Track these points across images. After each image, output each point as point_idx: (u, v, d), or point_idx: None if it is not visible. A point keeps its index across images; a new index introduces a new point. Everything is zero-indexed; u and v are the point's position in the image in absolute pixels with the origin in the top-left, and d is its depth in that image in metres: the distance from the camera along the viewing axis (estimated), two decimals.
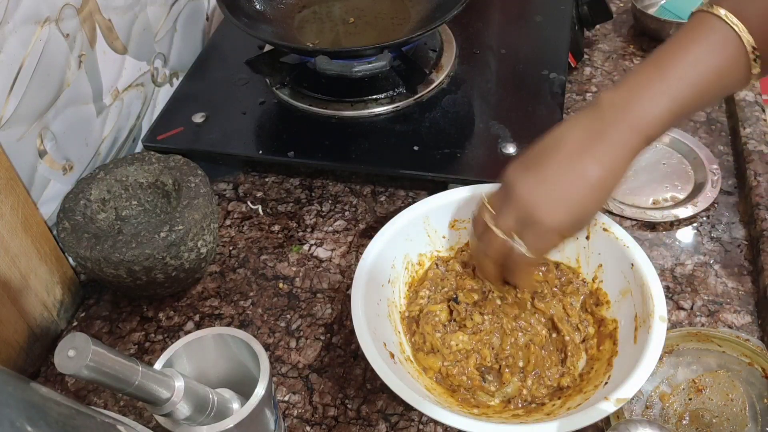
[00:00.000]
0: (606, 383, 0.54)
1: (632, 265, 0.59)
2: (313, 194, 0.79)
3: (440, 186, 0.72)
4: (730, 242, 0.71)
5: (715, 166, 0.76)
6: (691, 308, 0.65)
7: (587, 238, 0.63)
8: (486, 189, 0.65)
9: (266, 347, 0.65)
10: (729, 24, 0.48)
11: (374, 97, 0.80)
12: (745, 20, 0.48)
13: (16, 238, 0.61)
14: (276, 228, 0.76)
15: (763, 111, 0.81)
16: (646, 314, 0.56)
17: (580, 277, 0.64)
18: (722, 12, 0.49)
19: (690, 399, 0.58)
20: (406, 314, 0.63)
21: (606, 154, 0.51)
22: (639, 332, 0.56)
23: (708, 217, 0.73)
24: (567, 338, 0.60)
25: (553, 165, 0.53)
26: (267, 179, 0.81)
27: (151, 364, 0.45)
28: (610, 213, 0.72)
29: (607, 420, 0.53)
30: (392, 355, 0.56)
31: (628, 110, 0.51)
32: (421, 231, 0.65)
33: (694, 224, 0.73)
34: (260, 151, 0.77)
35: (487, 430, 0.50)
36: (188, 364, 0.51)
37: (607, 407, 0.50)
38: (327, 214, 0.77)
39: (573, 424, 0.49)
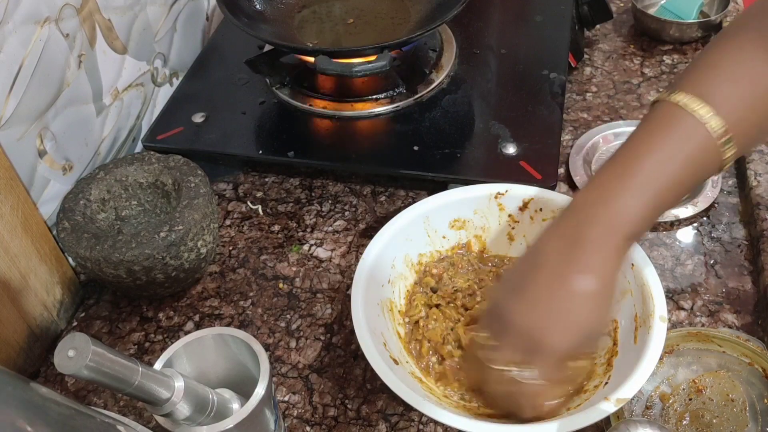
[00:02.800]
0: (606, 383, 0.54)
1: (632, 265, 0.59)
2: (313, 194, 0.79)
3: (440, 186, 0.72)
4: (730, 242, 0.71)
5: None
6: (691, 308, 0.65)
7: None
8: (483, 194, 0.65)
9: (266, 347, 0.65)
10: (689, 113, 0.47)
11: (374, 97, 0.80)
12: (714, 105, 0.47)
13: (16, 238, 0.61)
14: (276, 228, 0.76)
15: None
16: (646, 314, 0.56)
17: None
18: (683, 101, 0.48)
19: (690, 399, 0.58)
20: (407, 320, 0.63)
21: (590, 261, 0.48)
22: (639, 332, 0.56)
23: (708, 217, 0.73)
24: None
25: (540, 284, 0.49)
26: (267, 179, 0.81)
27: (151, 364, 0.45)
28: None
29: (607, 420, 0.53)
30: (392, 357, 0.56)
31: (603, 210, 0.48)
32: (421, 231, 0.65)
33: (694, 224, 0.73)
34: (260, 151, 0.77)
35: (487, 430, 0.50)
36: (188, 364, 0.51)
37: (608, 407, 0.50)
38: (327, 214, 0.77)
39: (573, 425, 0.49)
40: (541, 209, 0.65)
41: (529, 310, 0.49)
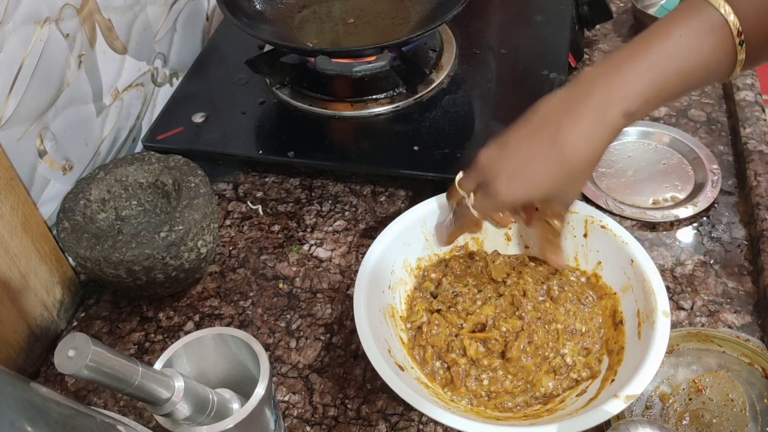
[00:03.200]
0: (613, 380, 0.54)
1: (632, 261, 0.59)
2: (313, 194, 0.79)
3: (441, 186, 0.72)
4: (730, 242, 0.71)
5: (715, 166, 0.76)
6: (692, 308, 0.65)
7: (585, 236, 0.63)
8: None
9: (266, 347, 0.65)
10: (715, 7, 0.48)
11: (374, 97, 0.80)
12: (734, 4, 0.48)
13: (16, 238, 0.61)
14: (276, 228, 0.76)
15: (763, 111, 0.81)
16: (648, 310, 0.56)
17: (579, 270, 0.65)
18: None
19: (690, 399, 0.58)
20: (409, 325, 0.63)
21: (573, 125, 0.49)
22: (643, 328, 0.56)
23: (708, 217, 0.73)
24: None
25: (517, 135, 0.53)
26: (267, 179, 0.81)
27: (151, 364, 0.45)
28: (610, 213, 0.72)
29: (607, 420, 0.53)
30: (398, 363, 0.56)
31: (606, 82, 0.49)
32: (419, 235, 0.65)
33: (694, 224, 0.73)
34: (260, 151, 0.77)
35: (487, 430, 0.50)
36: (188, 364, 0.51)
37: (617, 404, 0.50)
38: (327, 214, 0.77)
39: (578, 426, 0.49)
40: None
41: (495, 153, 0.54)
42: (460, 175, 0.59)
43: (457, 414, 0.51)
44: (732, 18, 0.47)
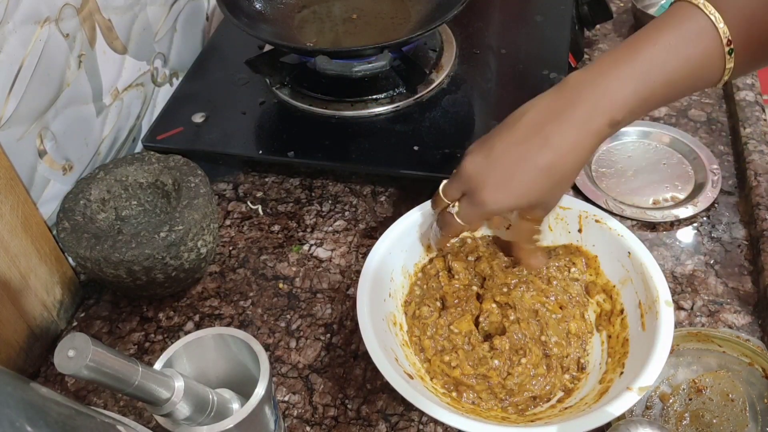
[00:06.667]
0: (622, 373, 0.54)
1: (629, 253, 0.59)
2: (313, 194, 0.79)
3: None
4: (731, 242, 0.71)
5: (715, 166, 0.76)
6: (692, 308, 0.65)
7: (579, 231, 0.63)
8: None
9: (266, 347, 0.65)
10: (706, 13, 0.47)
11: (374, 97, 0.80)
12: (723, 12, 0.47)
13: (16, 238, 0.61)
14: (276, 228, 0.76)
15: (763, 111, 0.81)
16: (650, 300, 0.56)
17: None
18: (701, 1, 0.48)
19: (690, 399, 0.58)
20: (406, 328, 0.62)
21: (560, 134, 0.50)
22: (646, 318, 0.56)
23: (708, 217, 0.73)
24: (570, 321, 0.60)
25: (503, 143, 0.52)
26: (267, 179, 0.81)
27: (151, 364, 0.45)
28: (611, 213, 0.72)
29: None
30: (406, 372, 0.55)
31: (592, 90, 0.49)
32: (415, 240, 0.65)
33: (695, 224, 0.73)
34: (260, 151, 0.77)
35: (487, 430, 0.50)
36: (188, 364, 0.51)
37: (632, 397, 0.50)
38: (327, 214, 0.77)
39: (575, 427, 0.49)
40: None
41: (480, 161, 0.53)
42: (444, 183, 0.58)
43: (457, 413, 0.51)
44: (722, 26, 0.47)
